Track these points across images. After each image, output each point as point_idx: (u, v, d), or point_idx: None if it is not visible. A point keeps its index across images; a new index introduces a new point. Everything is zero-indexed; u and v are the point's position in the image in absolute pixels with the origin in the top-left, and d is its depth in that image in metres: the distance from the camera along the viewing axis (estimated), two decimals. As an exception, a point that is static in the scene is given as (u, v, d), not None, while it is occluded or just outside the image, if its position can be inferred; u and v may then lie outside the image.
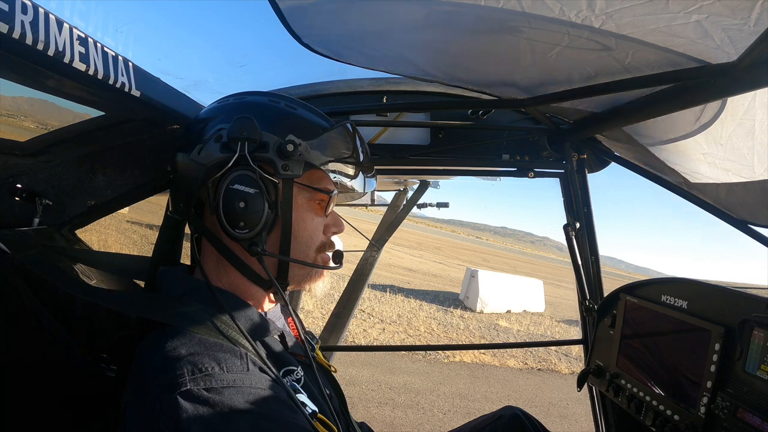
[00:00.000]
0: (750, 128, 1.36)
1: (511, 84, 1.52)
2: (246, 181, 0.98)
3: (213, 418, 0.77)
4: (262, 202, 0.99)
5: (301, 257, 1.10)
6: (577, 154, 2.01)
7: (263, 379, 0.89)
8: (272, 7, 1.14)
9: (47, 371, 1.01)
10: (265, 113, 1.05)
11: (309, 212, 1.10)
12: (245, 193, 0.98)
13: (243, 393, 0.82)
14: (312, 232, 1.11)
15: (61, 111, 1.14)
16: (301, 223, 1.08)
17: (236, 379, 0.84)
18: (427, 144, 2.06)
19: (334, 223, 1.18)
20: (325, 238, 1.16)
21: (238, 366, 0.86)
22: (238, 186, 0.98)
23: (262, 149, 0.99)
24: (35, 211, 1.21)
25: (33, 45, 0.72)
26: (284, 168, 1.00)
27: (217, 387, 0.80)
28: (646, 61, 1.19)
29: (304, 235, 1.09)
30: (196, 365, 0.82)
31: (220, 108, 1.09)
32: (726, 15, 0.92)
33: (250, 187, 0.98)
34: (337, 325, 4.04)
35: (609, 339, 1.94)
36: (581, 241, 2.08)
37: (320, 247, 1.14)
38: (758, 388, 1.31)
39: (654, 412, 1.64)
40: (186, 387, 0.79)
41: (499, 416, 1.81)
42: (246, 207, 0.98)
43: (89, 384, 1.10)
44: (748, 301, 1.41)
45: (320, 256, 1.15)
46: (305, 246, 1.10)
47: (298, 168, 1.01)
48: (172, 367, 0.82)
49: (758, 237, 1.91)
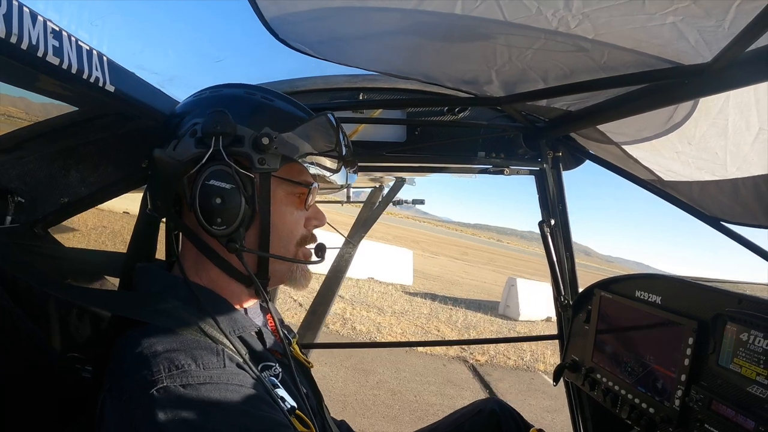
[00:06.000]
0: (723, 128, 1.39)
1: (488, 82, 1.51)
2: (222, 177, 0.96)
3: (189, 414, 0.76)
4: (238, 197, 0.97)
5: (281, 252, 1.08)
6: (552, 152, 2.02)
7: (240, 375, 0.88)
8: (249, 2, 1.12)
9: (22, 373, 0.98)
10: (241, 106, 1.03)
11: (288, 206, 1.08)
12: (221, 189, 0.96)
13: (219, 389, 0.82)
14: (292, 226, 1.09)
15: (34, 106, 1.11)
16: (281, 217, 1.06)
17: (212, 375, 0.83)
18: (403, 141, 2.05)
19: (315, 215, 1.16)
20: (306, 231, 1.14)
21: (214, 362, 0.86)
22: (214, 182, 0.96)
23: (237, 143, 0.97)
24: (7, 209, 1.17)
25: (6, 38, 0.69)
26: (260, 162, 0.97)
27: (193, 383, 0.80)
28: (621, 61, 1.20)
29: (284, 230, 1.07)
30: (172, 362, 0.82)
31: (196, 102, 1.07)
32: (701, 17, 0.92)
33: (226, 183, 0.96)
34: (313, 322, 4.01)
35: (584, 334, 1.97)
36: (556, 238, 2.10)
37: (301, 241, 1.12)
38: (731, 381, 1.34)
39: (629, 405, 1.67)
40: (162, 384, 0.78)
41: (479, 410, 1.81)
42: (223, 203, 0.96)
43: (65, 385, 1.07)
44: (721, 296, 1.44)
45: (301, 251, 1.13)
46: (285, 241, 1.08)
47: (275, 161, 0.99)
48: (148, 364, 0.82)
49: (730, 234, 1.95)
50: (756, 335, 1.29)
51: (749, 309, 1.34)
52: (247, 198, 0.99)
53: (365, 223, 4.20)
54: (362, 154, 2.01)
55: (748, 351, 1.31)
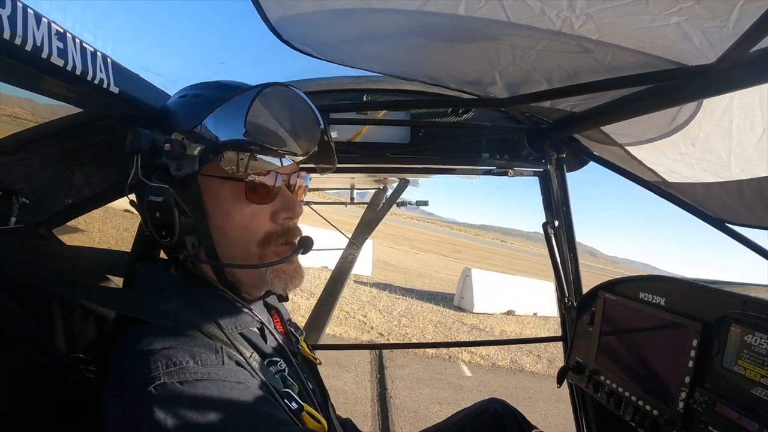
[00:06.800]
0: (727, 129, 1.38)
1: (491, 83, 1.51)
2: (154, 191, 0.97)
3: (187, 410, 0.76)
4: (171, 208, 0.96)
5: (241, 255, 1.01)
6: (556, 153, 2.02)
7: (239, 372, 0.89)
8: (253, 4, 1.12)
9: (25, 373, 0.99)
10: (159, 116, 1.04)
11: (236, 203, 0.99)
12: (156, 203, 0.97)
13: (217, 386, 0.82)
14: (246, 224, 1.00)
15: (40, 107, 1.12)
16: (227, 217, 0.99)
17: (210, 372, 0.84)
18: (407, 142, 2.06)
19: (283, 206, 1.04)
20: (273, 227, 1.03)
21: (212, 359, 0.86)
22: (152, 197, 0.98)
23: (156, 155, 0.97)
24: (12, 210, 1.18)
25: (10, 40, 0.71)
26: (178, 168, 0.96)
27: (190, 380, 0.80)
28: (625, 62, 1.20)
29: (234, 230, 1.00)
30: (170, 359, 0.82)
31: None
32: (705, 17, 0.92)
33: (158, 196, 0.97)
34: (317, 323, 4.02)
35: (588, 336, 1.96)
36: (560, 239, 2.10)
37: (264, 240, 1.03)
38: (736, 383, 1.33)
39: (633, 407, 1.66)
40: (160, 380, 0.78)
41: (482, 411, 1.80)
42: (161, 216, 0.97)
43: (65, 385, 1.07)
44: (725, 298, 1.43)
45: (270, 250, 1.04)
46: (242, 241, 1.01)
47: (193, 163, 0.95)
48: (146, 361, 0.82)
49: (735, 235, 1.95)
50: (760, 337, 1.28)
51: (754, 311, 1.33)
52: (178, 207, 0.97)
53: (369, 224, 4.20)
54: (366, 155, 2.02)
55: (752, 353, 1.30)
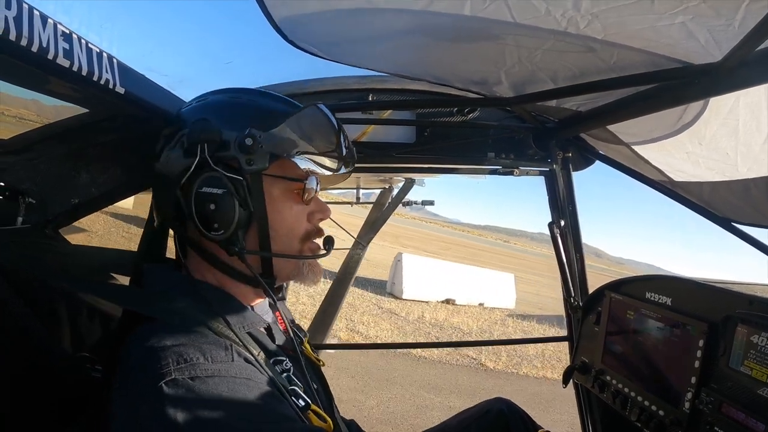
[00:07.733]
0: (734, 128, 1.37)
1: (497, 83, 1.51)
2: (213, 183, 0.98)
3: (197, 406, 0.77)
4: (231, 200, 0.98)
5: (285, 249, 1.08)
6: (562, 153, 2.02)
7: (249, 369, 0.89)
8: (258, 4, 1.13)
9: (30, 373, 0.99)
10: (224, 110, 1.05)
11: (286, 202, 1.07)
12: (214, 195, 0.98)
13: (227, 382, 0.82)
14: (292, 222, 1.08)
15: (45, 108, 1.13)
16: (278, 215, 1.06)
17: (220, 369, 0.84)
18: (412, 142, 2.06)
19: (318, 209, 1.14)
20: (311, 226, 1.13)
21: (222, 356, 0.87)
22: (206, 189, 0.98)
23: (223, 148, 0.98)
24: (18, 210, 1.19)
25: (16, 41, 0.71)
26: (248, 163, 0.98)
27: (201, 376, 0.81)
28: (631, 61, 1.20)
29: (284, 227, 1.07)
30: (181, 355, 0.83)
31: (184, 113, 1.09)
32: (711, 16, 0.92)
33: (217, 188, 0.98)
34: (323, 323, 4.02)
35: (594, 336, 1.96)
36: (566, 239, 2.10)
37: (305, 237, 1.11)
38: (742, 383, 1.32)
39: (639, 407, 1.65)
40: (171, 376, 0.79)
41: (487, 410, 1.80)
42: (216, 208, 0.98)
43: (68, 386, 1.08)
44: (731, 298, 1.42)
45: (307, 246, 1.12)
46: (287, 238, 1.08)
47: (263, 160, 0.99)
48: (156, 357, 0.83)
49: (741, 235, 1.94)
50: (767, 337, 1.28)
51: (760, 311, 1.33)
52: (240, 200, 0.99)
53: (375, 224, 4.20)
54: (371, 155, 2.02)
55: (759, 353, 1.29)
